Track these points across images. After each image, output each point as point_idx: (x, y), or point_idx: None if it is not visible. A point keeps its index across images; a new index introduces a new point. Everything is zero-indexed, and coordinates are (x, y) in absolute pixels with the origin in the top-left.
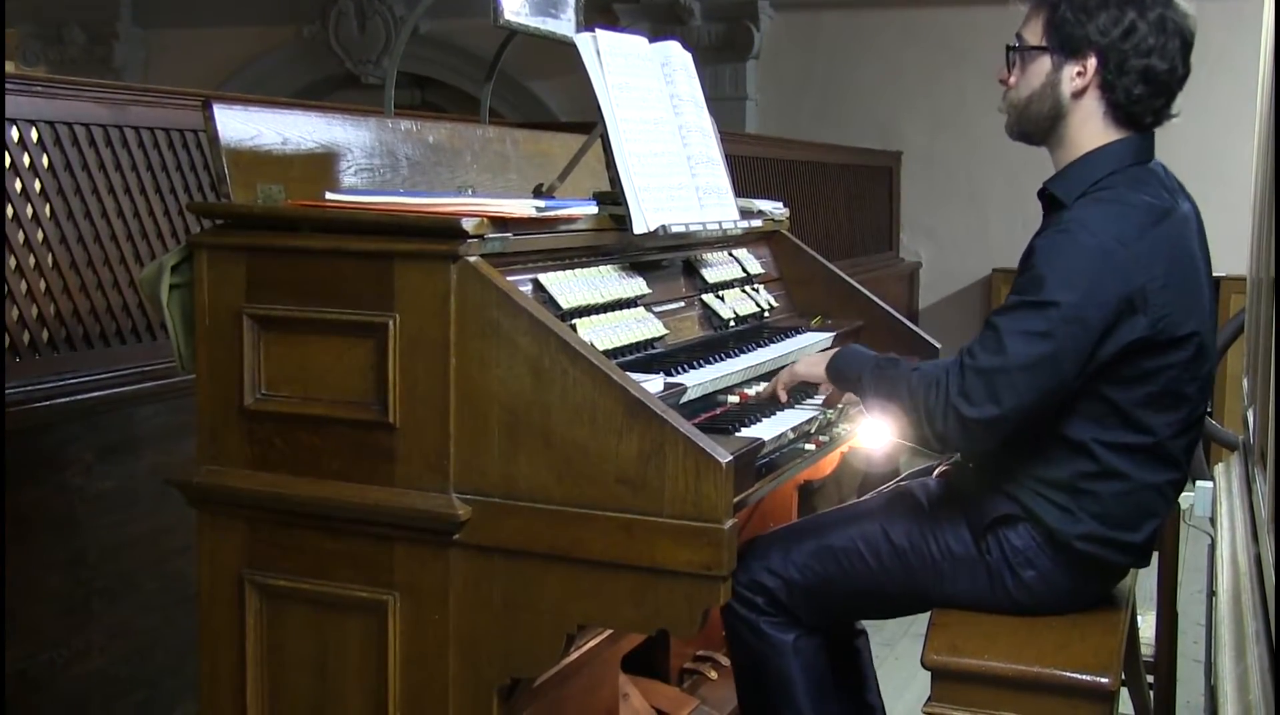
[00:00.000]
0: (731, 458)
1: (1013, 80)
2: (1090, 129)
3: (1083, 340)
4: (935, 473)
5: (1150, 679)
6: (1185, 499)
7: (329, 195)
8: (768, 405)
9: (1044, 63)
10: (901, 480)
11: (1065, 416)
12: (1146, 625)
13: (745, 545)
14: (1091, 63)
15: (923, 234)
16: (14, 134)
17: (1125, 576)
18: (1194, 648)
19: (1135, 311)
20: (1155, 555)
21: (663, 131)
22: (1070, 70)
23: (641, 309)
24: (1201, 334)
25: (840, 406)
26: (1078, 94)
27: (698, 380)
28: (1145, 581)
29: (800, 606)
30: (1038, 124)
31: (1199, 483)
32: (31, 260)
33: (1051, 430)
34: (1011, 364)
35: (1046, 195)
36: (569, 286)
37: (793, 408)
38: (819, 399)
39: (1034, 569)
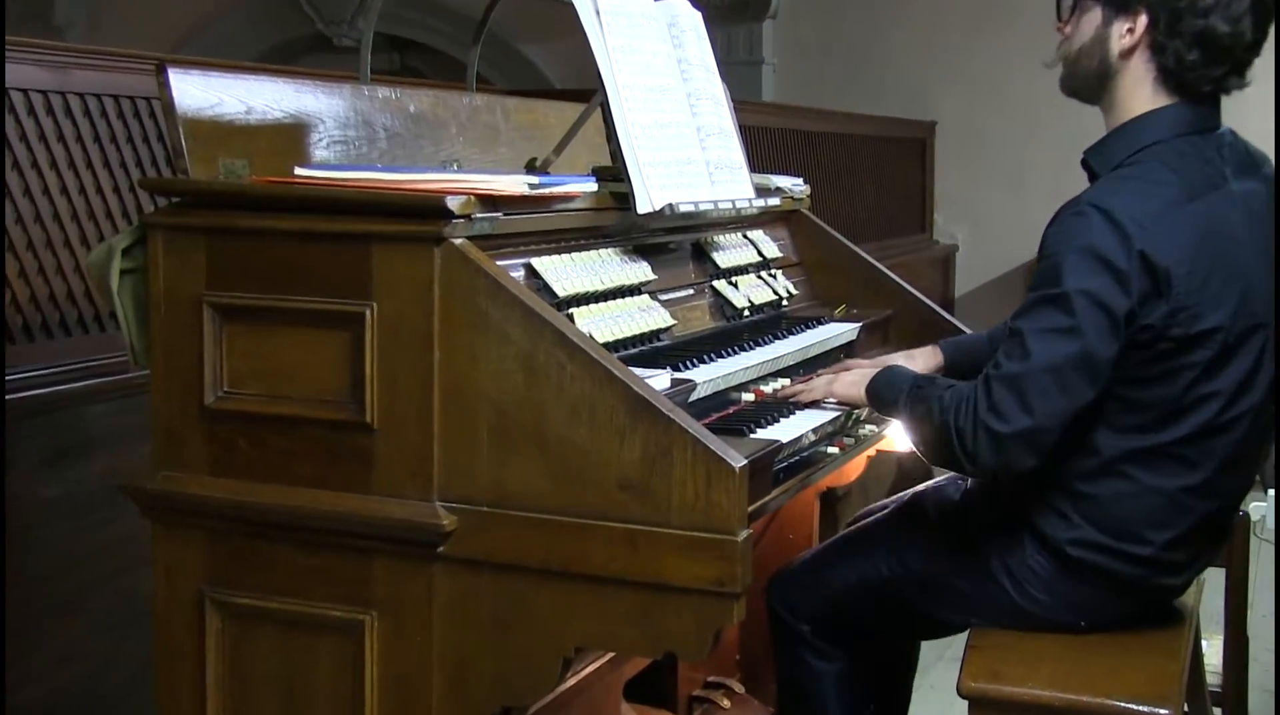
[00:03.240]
0: (746, 462)
1: (1068, 30)
2: (1139, 93)
3: (1110, 330)
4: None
5: (1217, 711)
6: (1256, 510)
7: (298, 171)
8: (787, 404)
9: (1095, 15)
10: (921, 488)
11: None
12: (1213, 651)
13: (784, 572)
14: (1141, 20)
15: (959, 214)
16: None
17: (1170, 593)
18: (1265, 676)
19: (1159, 294)
20: (1223, 571)
21: (670, 100)
22: (1120, 26)
23: (646, 297)
24: (1225, 330)
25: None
26: (1126, 54)
27: (708, 376)
28: (1211, 601)
29: (839, 625)
30: (1086, 81)
31: (1270, 492)
32: None
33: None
34: (1038, 366)
35: (1087, 165)
36: (565, 272)
37: (814, 407)
38: None
39: (1037, 579)
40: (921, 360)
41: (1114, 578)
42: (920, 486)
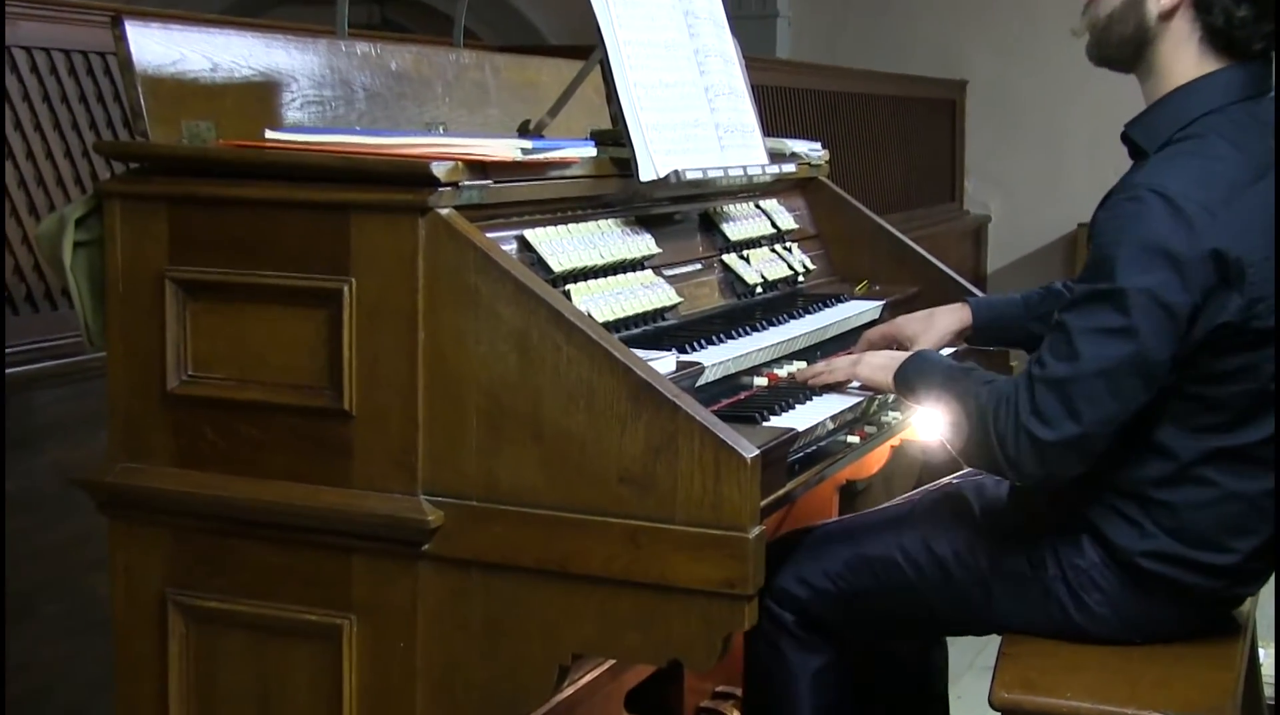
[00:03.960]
0: (758, 452)
1: None
2: (1183, 57)
3: (1170, 331)
4: None
5: None
6: None
7: (269, 134)
8: (803, 389)
9: None
10: (954, 477)
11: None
12: (1270, 661)
13: (773, 548)
14: None
15: (992, 181)
16: None
17: (1236, 604)
18: None
19: (1229, 287)
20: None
21: (675, 57)
22: None
23: (649, 273)
24: None
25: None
26: (1166, 14)
27: (717, 358)
28: (1267, 606)
29: (834, 621)
30: (1120, 49)
31: None
32: None
33: (1124, 429)
34: (1087, 370)
35: (1129, 140)
36: (562, 245)
37: (833, 392)
38: None
39: (1099, 592)
40: (944, 320)
41: (1187, 591)
42: (954, 477)
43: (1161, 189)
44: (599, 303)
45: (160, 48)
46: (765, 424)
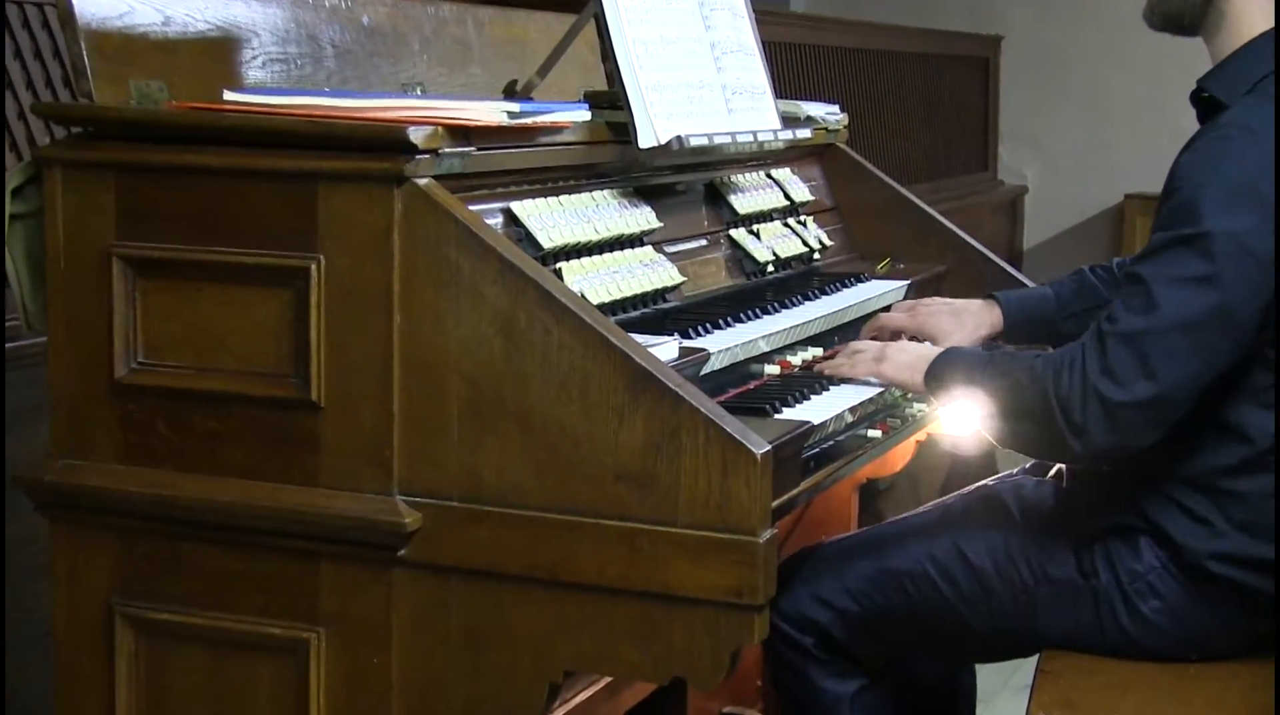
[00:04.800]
0: (770, 447)
1: None
2: (1257, 6)
3: (1258, 280)
4: (1050, 472)
5: None
6: None
7: (228, 95)
8: (819, 379)
9: None
10: (989, 480)
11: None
12: None
13: (786, 565)
14: None
15: (1029, 148)
16: None
17: None
18: None
19: None
20: None
21: (678, 10)
22: None
23: (649, 249)
24: None
25: None
26: None
27: (724, 344)
28: None
29: (858, 645)
30: (1187, 3)
31: None
32: None
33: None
34: (1166, 323)
35: (1202, 98)
36: (553, 219)
37: (852, 382)
38: None
39: (1158, 599)
40: (973, 320)
41: (1256, 598)
42: (981, 485)
43: (1253, 126)
44: (593, 282)
45: None
46: (777, 417)
